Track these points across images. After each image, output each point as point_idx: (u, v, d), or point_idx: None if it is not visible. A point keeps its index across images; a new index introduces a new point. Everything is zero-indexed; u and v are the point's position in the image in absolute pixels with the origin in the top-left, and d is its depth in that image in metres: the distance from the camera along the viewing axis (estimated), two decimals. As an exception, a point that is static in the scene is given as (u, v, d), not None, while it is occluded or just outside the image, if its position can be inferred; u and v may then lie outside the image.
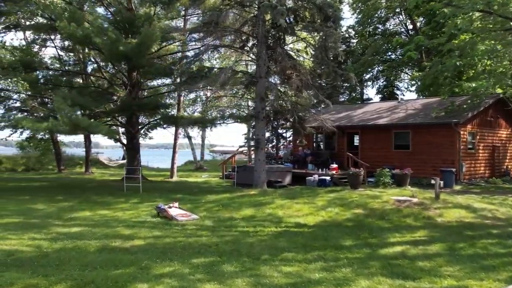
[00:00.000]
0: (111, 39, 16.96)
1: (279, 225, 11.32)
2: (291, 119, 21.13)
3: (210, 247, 9.06)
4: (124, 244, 9.18)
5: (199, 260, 8.05)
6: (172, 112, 23.45)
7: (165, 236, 10.06)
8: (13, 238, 9.60)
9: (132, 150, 23.71)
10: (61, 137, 32.94)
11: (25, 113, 23.35)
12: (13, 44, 25.53)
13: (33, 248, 8.77)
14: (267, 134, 27.08)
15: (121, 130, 28.28)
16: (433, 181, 14.80)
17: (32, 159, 34.56)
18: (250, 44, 19.76)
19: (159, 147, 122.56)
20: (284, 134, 30.91)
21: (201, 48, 19.21)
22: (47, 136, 31.53)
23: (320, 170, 22.67)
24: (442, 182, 15.62)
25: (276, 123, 23.34)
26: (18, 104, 23.47)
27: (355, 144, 26.46)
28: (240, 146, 41.45)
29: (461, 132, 20.71)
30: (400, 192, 15.33)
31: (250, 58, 19.91)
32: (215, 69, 19.38)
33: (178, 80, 21.85)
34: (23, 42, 26.46)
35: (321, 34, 17.83)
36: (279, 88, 18.60)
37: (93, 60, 24.42)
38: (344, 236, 10.17)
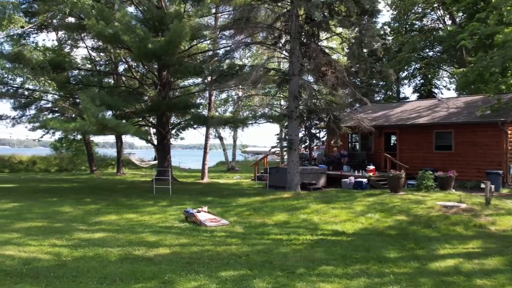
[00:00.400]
0: (139, 37, 16.48)
1: (315, 233, 10.46)
2: (325, 119, 20.22)
3: (240, 257, 8.29)
4: (148, 253, 8.53)
5: (228, 273, 7.30)
6: (203, 112, 22.85)
7: (192, 244, 9.36)
8: (33, 244, 9.10)
9: (163, 151, 23.27)
10: (94, 138, 33.08)
11: (56, 114, 23.27)
12: (45, 45, 25.53)
13: (52, 256, 8.22)
14: (300, 134, 26.23)
15: (153, 130, 28.01)
16: (482, 185, 13.62)
17: (65, 159, 34.79)
18: (283, 40, 18.96)
19: (192, 147, 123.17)
20: (318, 134, 29.92)
21: (232, 45, 18.51)
22: (79, 137, 31.64)
23: (356, 172, 21.66)
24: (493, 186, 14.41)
25: (309, 123, 22.47)
26: (49, 105, 23.41)
27: (391, 144, 25.32)
28: (272, 147, 40.66)
29: (509, 132, 19.29)
30: (445, 197, 14.20)
31: (282, 56, 19.08)
32: (247, 67, 18.65)
33: (209, 79, 21.28)
34: (56, 43, 26.52)
35: (357, 28, 16.86)
36: (313, 86, 17.68)
37: (123, 60, 24.12)
38: (387, 246, 9.22)
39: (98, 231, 10.56)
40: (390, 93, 42.57)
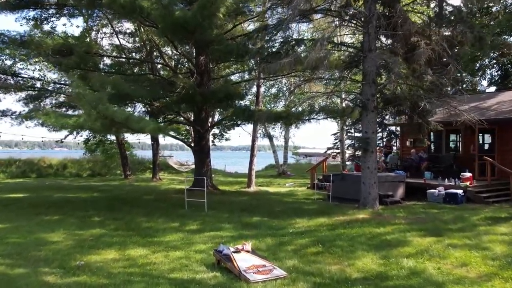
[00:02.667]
0: (163, 2, 12.35)
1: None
2: (406, 110, 15.41)
3: None
4: None
5: None
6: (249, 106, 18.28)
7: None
8: None
9: (201, 153, 19.14)
10: (129, 138, 29.57)
11: (73, 109, 19.55)
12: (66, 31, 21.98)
13: None
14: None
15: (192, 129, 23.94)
16: None
17: (98, 163, 31.46)
18: (351, 12, 14.24)
19: (241, 148, 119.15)
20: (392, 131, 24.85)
21: (286, 15, 14.00)
22: (113, 137, 28.20)
23: (445, 180, 16.70)
24: None
25: (383, 115, 17.66)
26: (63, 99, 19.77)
27: (485, 144, 20.04)
28: (329, 148, 35.80)
29: None
30: None
31: (353, 24, 14.30)
32: (306, 42, 14.05)
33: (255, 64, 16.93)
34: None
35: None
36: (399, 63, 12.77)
37: (154, 44, 20.05)
38: None
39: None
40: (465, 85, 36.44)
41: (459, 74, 13.09)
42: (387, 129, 23.81)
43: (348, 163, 29.73)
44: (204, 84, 16.99)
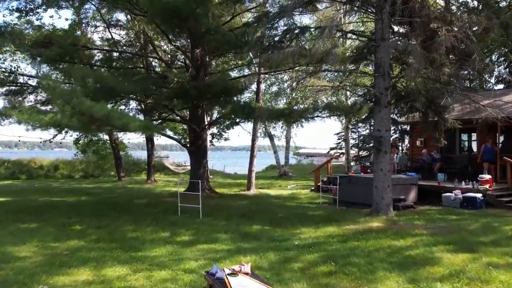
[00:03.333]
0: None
1: None
2: (419, 106, 14.09)
3: None
4: None
5: None
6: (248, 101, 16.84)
7: None
8: None
9: (197, 154, 17.81)
10: (122, 137, 28.21)
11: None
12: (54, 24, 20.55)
13: None
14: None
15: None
16: None
17: (91, 164, 30.09)
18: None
19: (241, 149, 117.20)
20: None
21: (288, 1, 12.66)
22: (106, 137, 26.88)
23: (459, 182, 15.39)
24: None
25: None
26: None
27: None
28: (331, 148, 34.43)
29: None
30: None
31: (363, 11, 12.91)
32: (311, 30, 12.66)
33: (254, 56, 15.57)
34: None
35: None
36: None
37: (147, 37, 18.65)
38: None
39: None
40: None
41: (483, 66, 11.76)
42: (400, 127, 22.47)
43: (352, 163, 28.37)
44: (200, 79, 15.65)
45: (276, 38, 12.40)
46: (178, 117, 18.79)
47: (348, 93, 25.97)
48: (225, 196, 17.84)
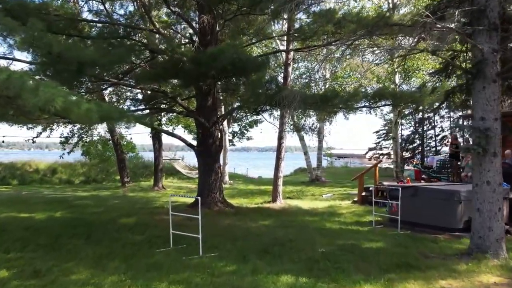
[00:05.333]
0: None
1: None
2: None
3: None
4: None
5: None
6: (272, 84, 12.21)
7: None
8: None
9: (207, 157, 13.61)
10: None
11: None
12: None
13: None
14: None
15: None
16: None
17: (94, 168, 26.29)
18: None
19: (268, 149, 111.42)
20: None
21: None
22: (107, 135, 23.09)
23: None
24: None
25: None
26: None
27: None
28: (370, 149, 29.78)
29: None
30: None
31: None
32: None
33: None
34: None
35: None
36: None
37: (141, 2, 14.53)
38: None
39: None
40: None
41: None
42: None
43: (406, 167, 23.61)
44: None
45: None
46: (182, 108, 14.50)
47: (397, 79, 21.20)
48: (243, 212, 13.54)
